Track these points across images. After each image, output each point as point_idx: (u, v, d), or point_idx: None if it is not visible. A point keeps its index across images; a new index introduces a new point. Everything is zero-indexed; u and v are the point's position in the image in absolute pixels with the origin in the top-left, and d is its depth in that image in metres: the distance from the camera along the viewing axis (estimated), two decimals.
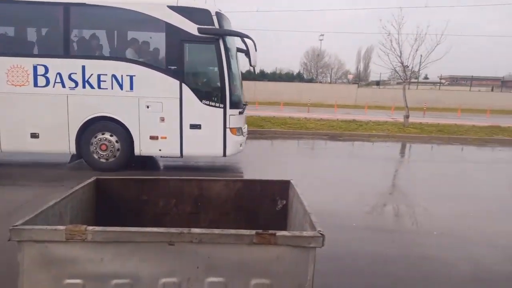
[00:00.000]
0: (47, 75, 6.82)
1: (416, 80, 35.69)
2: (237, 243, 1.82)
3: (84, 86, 6.85)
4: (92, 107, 6.94)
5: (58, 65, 6.83)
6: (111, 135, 7.08)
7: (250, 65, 7.08)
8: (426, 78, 48.11)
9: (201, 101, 6.92)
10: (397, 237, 4.60)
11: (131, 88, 6.88)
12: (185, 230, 1.79)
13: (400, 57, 15.93)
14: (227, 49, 6.92)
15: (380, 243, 4.36)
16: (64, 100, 6.88)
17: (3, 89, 6.81)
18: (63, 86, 6.85)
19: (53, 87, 6.84)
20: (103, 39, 7.34)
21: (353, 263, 3.76)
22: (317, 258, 1.89)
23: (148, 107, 6.92)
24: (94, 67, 6.87)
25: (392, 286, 3.32)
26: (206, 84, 7.47)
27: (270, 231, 1.82)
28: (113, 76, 6.85)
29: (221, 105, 6.94)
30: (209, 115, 6.96)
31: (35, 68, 6.79)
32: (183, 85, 6.89)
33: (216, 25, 6.78)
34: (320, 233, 1.85)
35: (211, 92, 7.13)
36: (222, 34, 6.90)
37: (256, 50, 6.93)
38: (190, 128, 6.98)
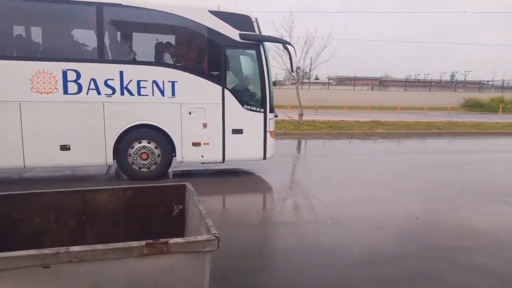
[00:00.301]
0: (79, 81, 6.14)
1: (308, 81, 38.33)
2: (126, 257, 1.68)
3: (122, 93, 6.36)
4: (132, 114, 6.50)
5: (92, 71, 6.22)
6: (148, 142, 6.68)
7: (292, 70, 7.12)
8: (317, 78, 51.86)
9: (243, 106, 6.97)
10: (296, 229, 4.82)
11: (173, 94, 6.59)
12: (62, 249, 1.59)
13: None
14: (266, 55, 7.05)
15: (280, 236, 4.53)
16: (99, 108, 6.29)
17: (27, 97, 5.97)
18: (99, 93, 6.25)
19: (87, 94, 6.20)
20: (142, 43, 6.90)
21: (256, 258, 3.81)
22: (221, 257, 1.85)
23: (190, 113, 6.70)
24: (133, 72, 6.42)
25: (291, 277, 3.45)
26: (248, 89, 7.38)
27: (162, 240, 1.72)
28: (154, 82, 6.48)
29: (262, 110, 7.05)
30: (250, 120, 7.04)
31: (64, 73, 6.07)
32: (225, 90, 6.83)
33: (257, 31, 6.86)
34: (215, 236, 1.80)
35: (252, 97, 7.19)
36: (264, 40, 7.05)
37: (296, 56, 7.05)
38: (232, 133, 6.95)
